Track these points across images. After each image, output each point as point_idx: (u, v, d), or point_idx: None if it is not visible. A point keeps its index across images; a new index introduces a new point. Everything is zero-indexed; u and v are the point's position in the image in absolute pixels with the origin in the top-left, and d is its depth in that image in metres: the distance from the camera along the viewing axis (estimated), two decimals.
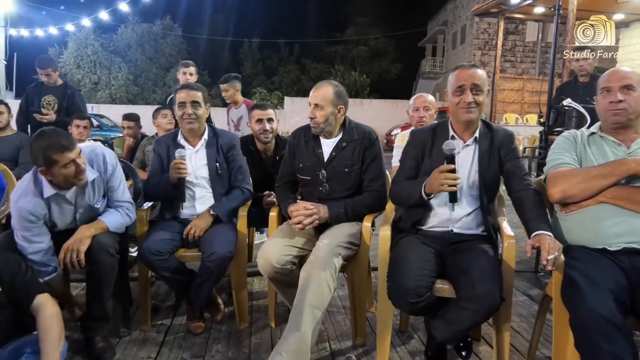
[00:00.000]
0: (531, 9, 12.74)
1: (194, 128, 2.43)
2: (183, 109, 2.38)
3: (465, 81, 1.92)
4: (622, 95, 1.78)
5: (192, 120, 2.39)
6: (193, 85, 2.47)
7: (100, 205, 2.20)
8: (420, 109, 3.08)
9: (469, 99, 1.90)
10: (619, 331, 1.46)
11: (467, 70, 1.94)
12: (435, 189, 1.84)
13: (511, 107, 17.73)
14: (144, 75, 27.03)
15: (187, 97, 2.38)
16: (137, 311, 2.52)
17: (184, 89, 2.43)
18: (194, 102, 2.38)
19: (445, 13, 27.77)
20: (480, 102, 1.93)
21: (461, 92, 1.93)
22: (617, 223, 1.71)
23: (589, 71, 3.84)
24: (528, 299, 2.91)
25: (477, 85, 1.91)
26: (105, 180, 2.19)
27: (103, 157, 2.17)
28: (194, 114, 2.38)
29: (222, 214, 2.36)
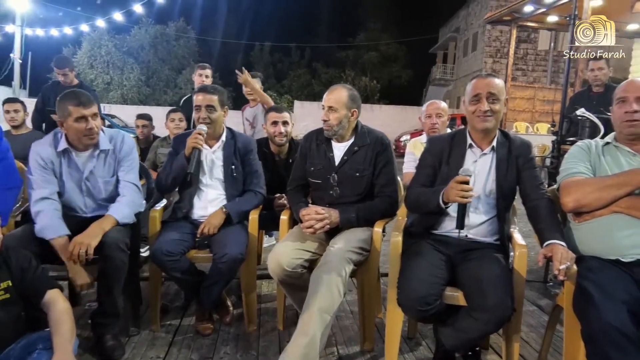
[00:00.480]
0: (544, 18, 12.69)
1: (209, 131, 2.45)
2: (198, 113, 2.42)
3: (482, 90, 1.92)
4: (638, 106, 1.78)
5: (206, 124, 2.41)
6: (209, 89, 2.47)
7: (109, 184, 2.26)
8: (432, 116, 3.07)
9: (484, 107, 1.91)
10: (631, 343, 1.45)
11: (484, 79, 1.95)
12: (451, 198, 1.84)
13: (522, 115, 17.65)
14: (155, 77, 27.24)
15: (202, 101, 2.41)
16: (146, 311, 2.54)
17: (200, 92, 2.45)
18: (208, 106, 2.41)
19: (457, 20, 27.72)
20: (496, 110, 1.93)
21: (477, 101, 1.93)
22: (631, 234, 1.70)
23: (603, 81, 3.82)
24: (537, 309, 2.89)
25: (494, 94, 1.91)
26: (118, 160, 2.28)
27: (122, 137, 2.32)
28: (208, 117, 2.41)
29: (234, 213, 2.38)
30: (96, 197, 2.26)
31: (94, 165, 2.23)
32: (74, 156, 2.21)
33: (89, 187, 2.24)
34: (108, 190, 2.28)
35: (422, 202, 2.01)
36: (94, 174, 2.24)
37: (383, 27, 33.33)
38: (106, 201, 2.27)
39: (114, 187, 2.29)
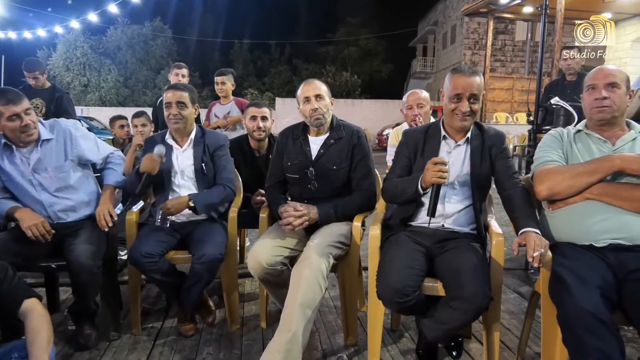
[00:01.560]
0: (520, 9, 12.85)
1: (180, 128, 2.44)
2: (169, 109, 2.40)
3: (464, 90, 1.91)
4: (607, 93, 1.81)
5: (177, 120, 2.40)
6: (179, 86, 2.47)
7: (61, 170, 2.26)
8: (413, 107, 3.04)
9: (465, 109, 1.91)
10: (605, 327, 1.47)
11: (467, 78, 1.91)
12: (427, 180, 1.83)
13: (501, 106, 17.88)
14: (134, 77, 26.88)
15: (173, 98, 2.39)
16: (127, 315, 2.50)
17: (170, 89, 2.44)
18: (179, 103, 2.39)
19: (435, 13, 27.90)
20: (476, 110, 1.94)
21: (458, 100, 1.93)
22: (603, 219, 1.73)
23: (576, 70, 3.88)
24: (518, 296, 2.93)
25: (475, 95, 1.92)
26: (72, 148, 2.30)
27: (65, 122, 2.34)
28: (179, 114, 2.39)
29: (199, 204, 2.32)
30: (50, 188, 2.24)
31: (39, 156, 2.21)
32: (15, 152, 2.20)
33: (40, 181, 2.22)
34: (61, 178, 2.26)
35: (399, 191, 2.01)
36: (42, 163, 2.22)
37: (362, 22, 33.43)
38: (62, 191, 2.26)
39: (68, 174, 2.28)
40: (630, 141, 1.83)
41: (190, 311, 2.42)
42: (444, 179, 1.80)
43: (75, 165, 2.32)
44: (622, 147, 1.81)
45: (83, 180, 2.36)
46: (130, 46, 26.72)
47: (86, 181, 2.38)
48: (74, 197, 2.30)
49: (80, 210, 2.31)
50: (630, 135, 1.84)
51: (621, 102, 1.81)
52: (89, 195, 2.36)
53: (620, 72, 1.84)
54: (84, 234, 2.19)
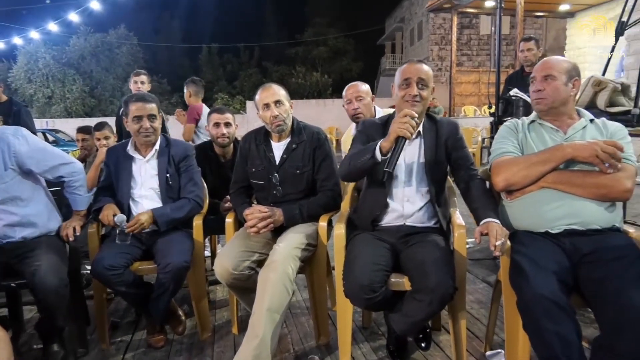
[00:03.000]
0: (482, 3, 13.10)
1: (151, 141, 2.39)
2: (140, 123, 2.32)
3: (412, 75, 1.93)
4: (542, 85, 1.88)
5: (149, 133, 2.35)
6: (147, 97, 2.39)
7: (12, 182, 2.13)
8: (352, 101, 2.88)
9: (414, 92, 1.92)
10: (562, 311, 1.51)
11: (414, 65, 1.97)
12: (393, 130, 1.79)
13: (469, 99, 18.21)
14: (100, 87, 26.28)
15: (143, 111, 2.32)
16: (95, 330, 2.45)
17: (138, 101, 2.34)
18: (150, 116, 2.33)
19: (401, 10, 28.18)
20: (424, 97, 1.94)
21: (407, 86, 1.94)
22: (557, 206, 1.77)
23: (533, 61, 3.96)
24: (487, 285, 2.99)
25: (423, 80, 1.93)
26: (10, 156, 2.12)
27: (3, 132, 2.15)
28: (151, 127, 2.34)
29: (161, 221, 2.27)
30: None
31: None
32: None
33: None
34: (3, 190, 2.11)
35: (355, 159, 1.92)
36: None
37: (330, 21, 33.55)
38: (5, 204, 2.12)
39: (9, 185, 2.12)
40: (581, 129, 1.88)
41: (159, 322, 2.39)
42: (410, 133, 1.77)
43: (18, 175, 2.16)
44: (574, 136, 1.87)
45: (33, 193, 2.22)
46: (95, 55, 26.12)
47: (37, 194, 2.24)
48: (21, 211, 2.15)
49: (30, 228, 2.19)
50: (580, 124, 1.90)
51: (555, 93, 1.86)
52: (38, 210, 2.22)
53: (561, 63, 1.89)
54: (43, 252, 2.05)
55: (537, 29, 20.77)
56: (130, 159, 2.42)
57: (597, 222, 1.75)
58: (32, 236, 2.19)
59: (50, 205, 2.34)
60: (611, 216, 1.77)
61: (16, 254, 2.08)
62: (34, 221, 2.21)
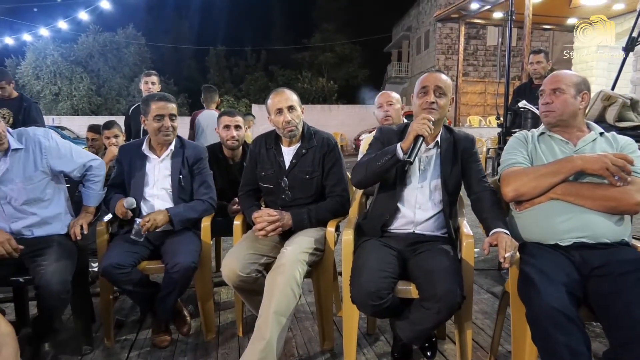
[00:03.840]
0: (490, 15, 13.17)
1: (170, 140, 2.41)
2: (161, 122, 2.35)
3: (429, 83, 1.97)
4: (551, 98, 1.90)
5: (169, 132, 2.37)
6: (169, 97, 2.43)
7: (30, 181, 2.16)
8: (383, 105, 3.06)
9: (431, 99, 1.94)
10: (572, 323, 1.51)
11: (433, 74, 2.00)
12: (413, 128, 1.85)
13: (474, 109, 18.23)
14: (107, 85, 26.38)
15: (166, 110, 2.35)
16: (100, 327, 2.46)
17: (161, 100, 2.37)
18: (171, 115, 2.37)
19: (409, 19, 28.30)
20: (442, 105, 1.96)
21: (425, 93, 1.97)
22: (567, 219, 1.78)
23: (542, 74, 3.99)
24: (492, 296, 2.98)
25: (440, 88, 1.96)
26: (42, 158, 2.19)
27: (33, 132, 2.23)
28: (171, 126, 2.37)
29: (176, 219, 2.30)
30: (17, 201, 2.14)
31: (7, 166, 2.12)
32: None
33: (6, 193, 2.13)
34: (30, 190, 2.15)
35: (373, 162, 1.94)
36: (10, 174, 2.13)
37: (337, 27, 33.65)
38: (30, 205, 2.16)
39: (37, 186, 2.17)
40: (591, 142, 1.89)
41: (164, 321, 2.39)
42: (428, 132, 1.84)
43: (47, 177, 2.22)
44: (584, 148, 1.88)
45: (54, 194, 2.26)
46: (103, 54, 26.24)
47: (57, 196, 2.28)
48: (42, 212, 2.19)
49: (46, 227, 2.21)
50: (590, 136, 1.91)
51: (563, 106, 1.88)
52: (57, 211, 2.26)
53: (571, 77, 1.91)
54: (52, 252, 2.07)
55: (544, 41, 20.82)
56: (144, 158, 2.43)
57: (607, 236, 1.75)
58: (46, 234, 2.21)
59: (67, 206, 2.37)
60: (620, 230, 1.77)
61: (27, 250, 2.09)
62: (51, 222, 2.24)
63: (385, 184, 2.08)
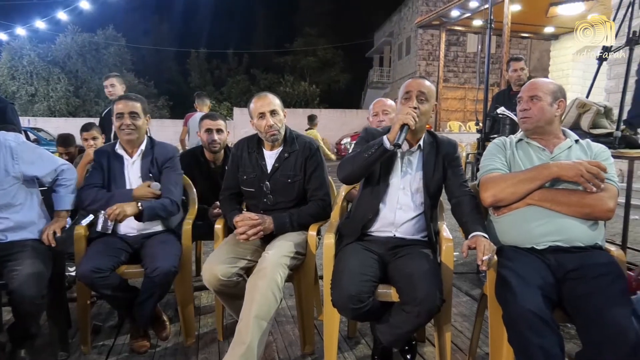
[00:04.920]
0: (470, 22, 13.41)
1: (133, 139, 2.38)
2: (121, 120, 2.34)
3: (413, 88, 1.99)
4: (528, 105, 1.95)
5: (130, 131, 2.35)
6: (131, 96, 2.42)
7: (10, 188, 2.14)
8: (379, 113, 2.99)
9: (413, 104, 1.96)
10: (546, 325, 1.55)
11: (417, 80, 2.03)
12: (397, 121, 1.86)
13: (455, 115, 18.49)
14: (85, 87, 25.87)
15: (125, 108, 2.34)
16: (77, 333, 2.41)
17: (122, 99, 2.39)
18: (132, 113, 2.35)
19: (390, 25, 28.55)
20: (424, 110, 1.98)
21: (407, 99, 1.99)
22: (543, 223, 1.82)
23: (525, 80, 4.06)
24: (470, 299, 3.03)
25: (424, 93, 1.98)
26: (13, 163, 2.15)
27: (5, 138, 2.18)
28: (132, 124, 2.35)
29: (146, 212, 2.24)
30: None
31: None
32: None
33: None
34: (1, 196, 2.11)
35: (359, 155, 1.95)
36: None
37: (320, 32, 33.79)
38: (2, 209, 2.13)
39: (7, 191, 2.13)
40: (566, 149, 1.95)
41: (143, 326, 2.36)
42: (412, 122, 1.85)
43: (18, 182, 2.18)
44: (559, 155, 1.93)
45: (26, 199, 2.22)
46: (81, 54, 25.76)
47: (30, 201, 2.24)
48: (14, 217, 2.15)
49: (20, 232, 2.17)
50: (566, 144, 1.96)
51: (540, 113, 1.93)
52: (30, 216, 2.22)
53: (547, 85, 1.97)
54: (26, 257, 2.02)
55: (522, 49, 21.24)
56: (119, 159, 2.41)
57: (581, 240, 1.80)
58: (20, 238, 2.16)
59: (42, 210, 2.32)
60: (594, 234, 1.82)
61: (1, 255, 2.05)
62: (26, 227, 2.20)
63: (369, 184, 2.10)
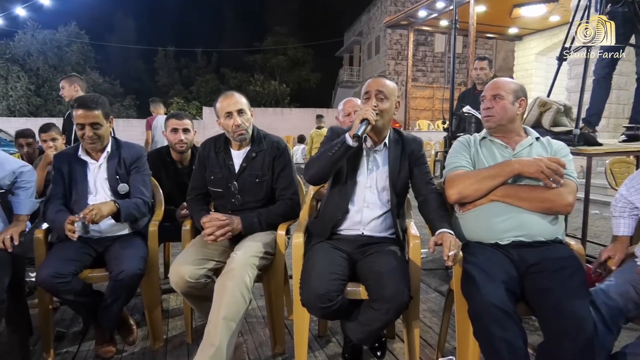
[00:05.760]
0: (437, 22, 13.63)
1: (97, 148, 2.31)
2: (82, 130, 2.23)
3: (371, 88, 2.01)
4: (491, 103, 2.00)
5: (93, 141, 2.26)
6: (90, 104, 2.23)
7: None
8: (351, 114, 3.01)
9: (373, 103, 1.98)
10: (510, 318, 1.59)
11: (375, 79, 2.05)
12: (358, 116, 1.88)
13: (423, 114, 18.77)
14: (47, 86, 25.01)
15: (85, 120, 2.22)
16: (38, 340, 2.33)
17: (80, 108, 2.22)
18: (93, 124, 2.23)
19: (360, 24, 28.75)
20: (384, 108, 2.00)
21: (367, 98, 2.02)
22: (506, 219, 1.87)
23: (484, 80, 4.16)
24: (439, 295, 3.08)
25: (382, 92, 2.00)
26: None
27: None
28: (94, 135, 2.25)
29: (123, 211, 2.19)
30: None
31: None
32: None
33: None
34: None
35: (324, 154, 1.96)
36: None
37: (290, 31, 33.75)
38: None
39: None
40: (527, 146, 2.00)
41: (109, 331, 2.30)
42: (372, 117, 1.88)
43: None
44: (521, 152, 1.98)
45: None
46: (42, 52, 24.90)
47: None
48: None
49: None
50: (527, 141, 2.02)
51: (503, 111, 1.99)
52: None
53: (509, 84, 2.02)
54: None
55: (488, 49, 21.75)
56: (83, 164, 2.33)
57: (542, 235, 1.85)
58: None
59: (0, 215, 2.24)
60: (555, 229, 1.88)
61: None
62: None
63: (336, 184, 2.11)
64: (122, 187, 2.30)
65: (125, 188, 2.30)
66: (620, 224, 2.04)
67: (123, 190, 2.30)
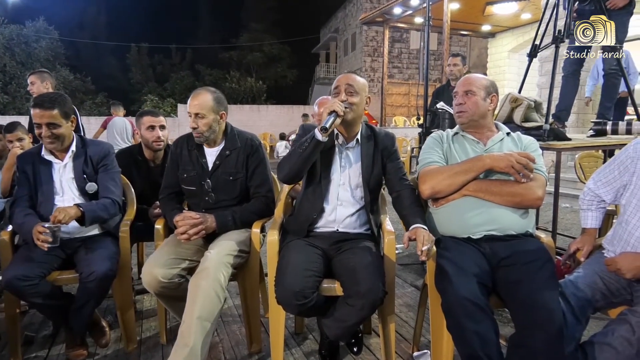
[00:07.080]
0: (412, 19, 13.74)
1: (56, 147, 2.23)
2: (40, 130, 2.16)
3: (341, 83, 2.02)
4: (463, 99, 2.03)
5: (52, 141, 2.18)
6: (46, 104, 2.14)
7: None
8: None
9: (342, 97, 1.98)
10: (482, 311, 1.62)
11: (345, 75, 2.05)
12: (326, 109, 1.89)
13: (399, 110, 18.91)
14: (15, 83, 24.23)
15: (41, 119, 2.13)
16: (6, 346, 2.26)
17: (36, 107, 2.14)
18: (50, 124, 2.15)
19: (336, 21, 28.76)
20: (353, 102, 2.00)
21: (337, 93, 2.02)
22: (478, 213, 1.90)
23: (457, 76, 4.21)
24: (415, 289, 3.11)
25: (351, 86, 2.00)
26: None
27: None
28: (52, 134, 2.16)
29: (87, 215, 2.12)
30: None
31: None
32: None
33: None
34: None
35: (295, 152, 1.97)
36: None
37: (266, 27, 33.56)
38: None
39: None
40: (499, 142, 2.04)
41: (80, 334, 2.24)
42: (340, 110, 1.88)
43: None
44: (492, 147, 2.01)
45: None
46: (9, 48, 24.10)
47: None
48: None
49: None
50: (498, 136, 2.05)
51: (474, 107, 2.02)
52: None
53: (481, 80, 2.05)
54: None
55: (462, 46, 22.03)
56: (48, 164, 2.26)
57: (513, 228, 1.89)
58: None
59: None
60: (525, 222, 1.92)
61: None
62: None
63: (311, 182, 2.10)
64: (90, 186, 2.24)
65: (93, 187, 2.25)
66: (588, 217, 2.09)
67: (91, 190, 2.24)
